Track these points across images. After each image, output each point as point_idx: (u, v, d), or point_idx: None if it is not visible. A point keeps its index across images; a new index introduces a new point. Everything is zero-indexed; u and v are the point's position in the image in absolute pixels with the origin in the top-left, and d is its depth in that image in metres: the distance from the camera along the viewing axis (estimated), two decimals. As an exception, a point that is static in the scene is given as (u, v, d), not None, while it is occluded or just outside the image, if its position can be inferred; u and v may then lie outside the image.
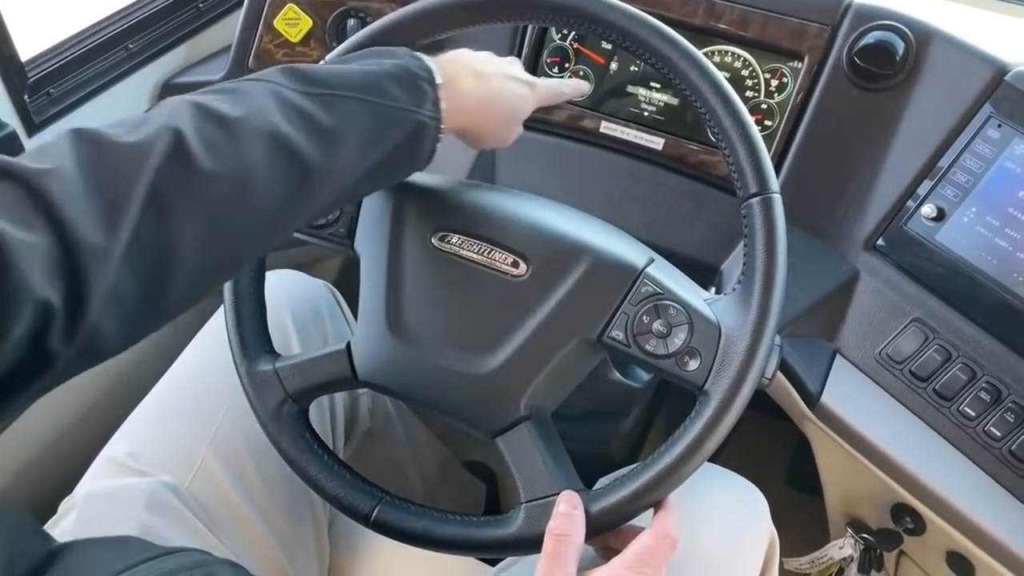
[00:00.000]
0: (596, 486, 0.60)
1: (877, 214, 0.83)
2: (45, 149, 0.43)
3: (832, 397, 0.79)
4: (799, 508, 1.15)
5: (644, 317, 0.59)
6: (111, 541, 0.55)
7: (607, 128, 0.94)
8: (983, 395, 0.73)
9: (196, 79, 1.01)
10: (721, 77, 0.60)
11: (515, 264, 0.62)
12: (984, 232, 0.76)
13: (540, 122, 0.97)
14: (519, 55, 0.97)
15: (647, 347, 0.59)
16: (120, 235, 0.42)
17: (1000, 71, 0.77)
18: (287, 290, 0.80)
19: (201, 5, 1.05)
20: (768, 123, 0.89)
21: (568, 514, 0.55)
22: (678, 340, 0.58)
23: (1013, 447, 0.71)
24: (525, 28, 0.97)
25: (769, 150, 0.87)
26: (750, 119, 0.59)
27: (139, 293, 0.44)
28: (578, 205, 0.94)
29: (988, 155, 0.76)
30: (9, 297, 0.38)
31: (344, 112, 0.52)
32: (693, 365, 0.57)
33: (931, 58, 0.80)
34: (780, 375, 0.83)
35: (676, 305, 0.59)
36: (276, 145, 0.49)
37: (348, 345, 0.65)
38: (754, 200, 0.58)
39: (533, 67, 0.97)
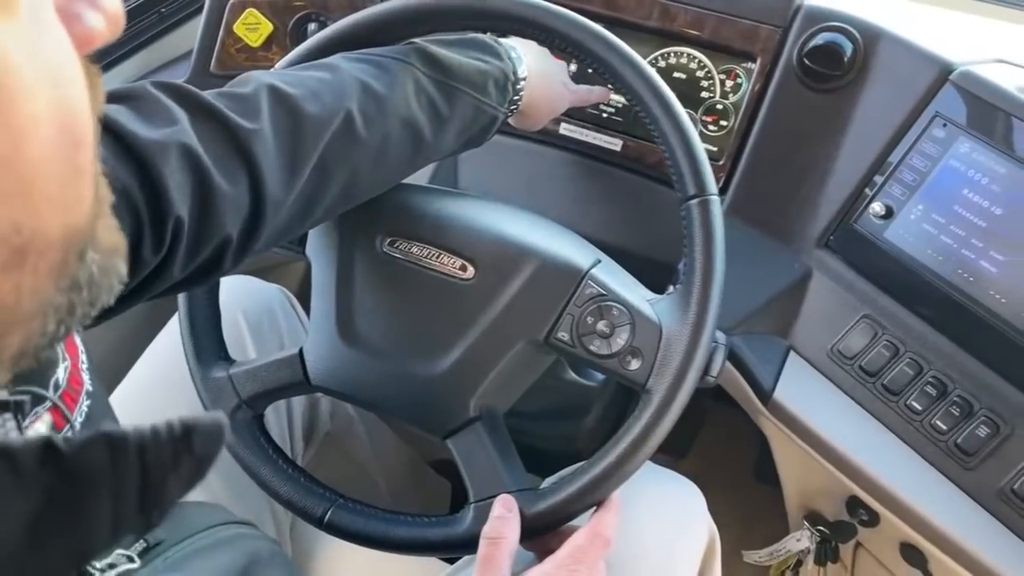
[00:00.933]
0: (543, 485, 0.61)
1: (829, 212, 0.84)
2: (247, 102, 0.50)
3: (785, 393, 0.81)
4: (768, 502, 1.17)
5: (588, 318, 0.60)
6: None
7: (567, 129, 0.95)
8: (929, 389, 0.75)
9: (158, 84, 1.01)
10: (660, 81, 0.61)
11: (463, 268, 0.63)
12: (930, 230, 0.77)
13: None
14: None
15: (591, 347, 0.60)
16: (293, 190, 0.52)
17: (945, 71, 0.78)
18: (241, 295, 0.81)
19: (163, 10, 1.05)
20: (724, 123, 0.90)
21: (501, 517, 0.56)
22: (621, 340, 0.59)
23: (958, 440, 0.72)
24: (484, 31, 0.98)
25: (724, 149, 0.89)
26: (688, 122, 0.60)
27: (287, 228, 0.54)
28: (538, 206, 0.96)
29: (934, 154, 0.78)
30: (206, 234, 0.47)
31: (458, 103, 0.63)
32: (635, 364, 0.59)
33: (879, 59, 0.82)
34: (734, 371, 0.84)
35: (619, 306, 0.60)
36: (407, 123, 0.59)
37: (301, 350, 0.66)
38: (692, 202, 0.59)
39: (493, 69, 0.98)
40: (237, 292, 0.83)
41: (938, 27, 0.96)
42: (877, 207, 0.81)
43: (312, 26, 0.98)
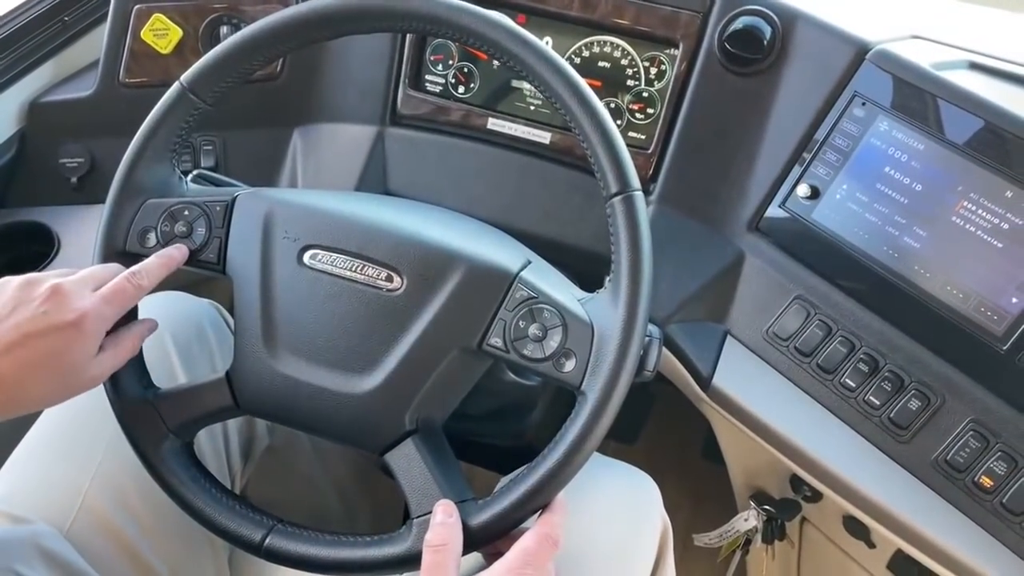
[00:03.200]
0: (502, 483, 0.60)
1: (758, 195, 0.85)
2: None
3: (723, 378, 0.81)
4: (717, 480, 1.18)
5: (520, 322, 0.59)
6: None
7: (494, 124, 0.94)
8: (861, 366, 0.76)
9: (65, 96, 0.97)
10: (578, 78, 0.60)
11: (389, 278, 0.61)
12: (855, 208, 0.78)
13: (428, 121, 0.96)
14: (401, 53, 0.96)
15: (525, 352, 0.59)
16: None
17: (861, 50, 0.79)
18: (167, 313, 0.78)
19: (67, 19, 1.00)
20: (650, 110, 0.90)
21: (443, 523, 0.55)
22: (553, 343, 0.58)
23: (891, 415, 0.74)
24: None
25: (653, 137, 0.89)
26: (608, 119, 0.59)
27: None
28: (470, 203, 0.95)
29: (855, 133, 0.79)
30: None
31: None
32: (569, 366, 0.58)
33: (797, 40, 0.82)
34: (674, 359, 0.85)
35: (550, 308, 0.59)
36: None
37: (228, 373, 0.63)
38: (616, 199, 0.59)
39: (417, 65, 0.96)
40: (163, 310, 0.79)
41: (857, 5, 0.97)
42: (803, 188, 0.81)
43: (225, 29, 0.95)
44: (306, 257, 0.63)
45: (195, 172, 0.76)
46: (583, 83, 0.60)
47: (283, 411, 0.63)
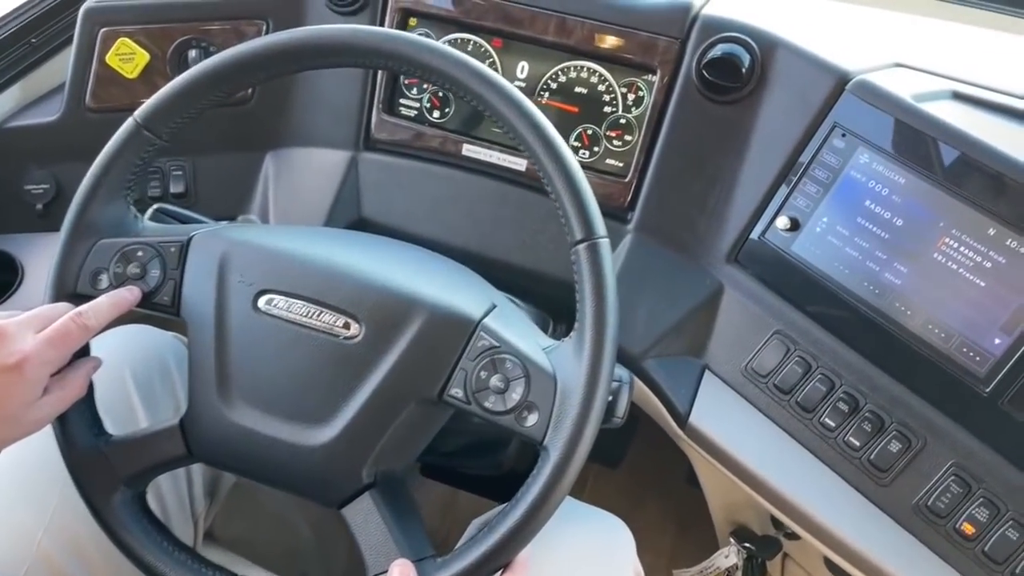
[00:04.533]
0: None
1: (737, 226, 0.82)
2: None
3: (701, 415, 0.79)
4: (702, 507, 1.16)
5: (482, 372, 0.57)
6: None
7: (470, 151, 0.92)
8: (841, 405, 0.74)
9: (30, 122, 0.95)
10: (543, 119, 0.58)
11: (346, 325, 0.59)
12: (835, 242, 0.76)
13: (403, 146, 0.94)
14: (375, 76, 0.94)
15: (486, 404, 0.57)
16: None
17: (841, 80, 0.77)
18: (128, 348, 0.76)
19: (34, 40, 0.98)
20: (628, 137, 0.88)
21: None
22: (516, 395, 0.56)
23: (871, 457, 0.72)
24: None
25: (630, 165, 0.86)
26: (573, 161, 0.57)
27: None
28: (446, 231, 0.93)
29: (835, 165, 0.77)
30: None
31: None
32: (532, 420, 0.56)
33: (777, 69, 0.80)
34: (650, 395, 0.83)
35: (513, 358, 0.57)
36: None
37: (182, 421, 0.61)
38: (580, 246, 0.56)
39: (391, 89, 0.94)
40: (124, 345, 0.77)
41: (841, 31, 0.95)
42: (783, 220, 0.79)
43: (193, 53, 0.93)
44: (261, 302, 0.60)
45: (155, 207, 0.74)
46: (547, 124, 0.58)
47: (238, 462, 0.61)
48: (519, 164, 0.91)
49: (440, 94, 0.93)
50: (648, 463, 1.37)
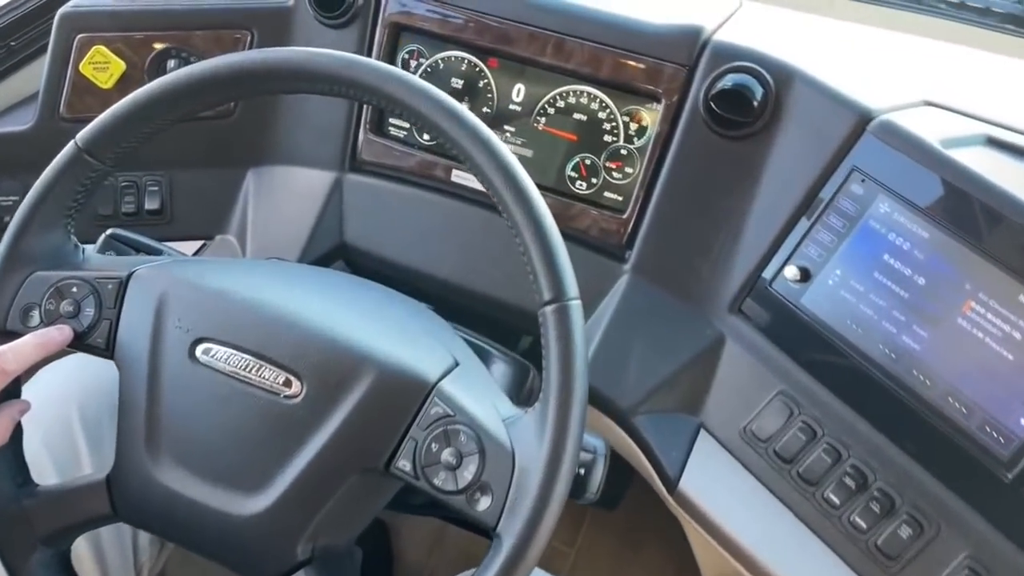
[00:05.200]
0: None
1: (742, 273, 0.75)
2: None
3: (692, 481, 0.72)
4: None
5: (433, 444, 0.51)
6: None
7: (459, 177, 0.86)
8: (848, 481, 0.67)
9: (2, 130, 0.90)
10: (512, 161, 0.52)
11: (287, 383, 0.53)
12: (849, 297, 0.69)
13: (390, 169, 0.88)
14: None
15: (435, 481, 0.51)
16: None
17: (863, 119, 0.69)
18: (80, 381, 0.71)
19: (13, 44, 0.94)
20: (629, 169, 0.81)
21: None
22: (468, 473, 0.50)
23: (879, 541, 0.64)
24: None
25: (630, 199, 0.80)
26: (546, 212, 0.51)
27: None
28: (430, 261, 0.87)
29: (852, 212, 0.69)
30: None
31: None
32: (484, 503, 0.49)
33: (792, 103, 0.73)
34: (639, 454, 0.76)
35: (468, 429, 0.51)
36: None
37: (108, 478, 0.56)
38: (548, 308, 0.50)
39: (380, 108, 0.88)
40: (74, 376, 0.72)
41: (867, 61, 0.87)
42: (792, 269, 0.72)
43: (172, 63, 0.88)
44: (199, 351, 0.55)
45: (108, 233, 0.69)
46: (517, 167, 0.52)
47: (164, 526, 0.55)
48: (511, 194, 0.84)
49: (431, 115, 0.87)
50: (648, 504, 1.29)
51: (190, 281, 0.57)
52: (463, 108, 0.53)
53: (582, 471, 0.55)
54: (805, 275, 0.72)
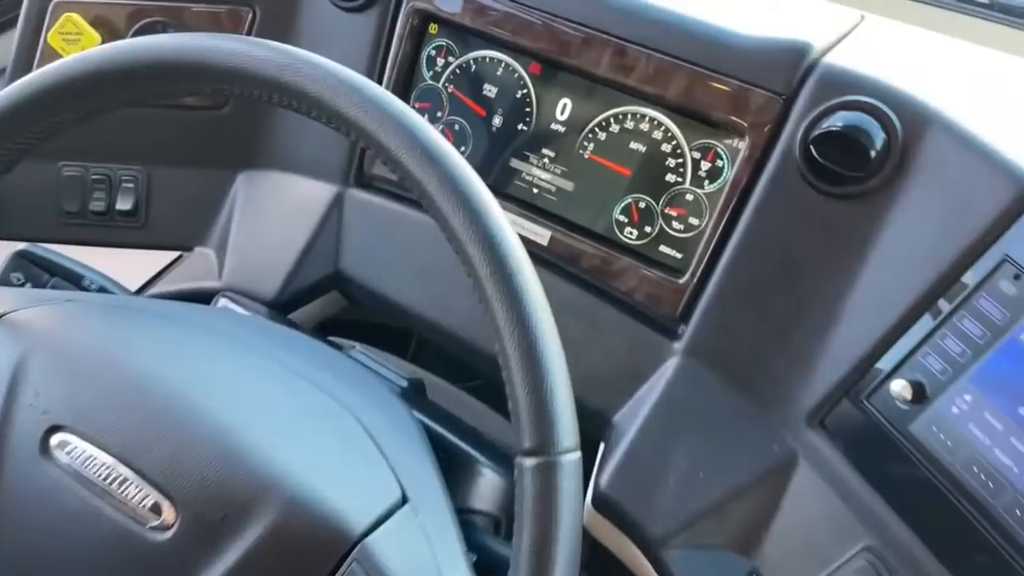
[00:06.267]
0: None
1: (831, 377, 0.57)
2: None
3: (735, 651, 0.54)
4: None
5: None
6: None
7: (480, 207, 0.69)
8: None
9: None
10: (505, 230, 0.35)
11: (156, 509, 0.37)
12: (979, 435, 0.50)
13: (401, 187, 0.72)
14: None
15: None
16: None
17: (1026, 191, 0.50)
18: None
19: (-4, 5, 0.81)
20: (694, 221, 0.63)
21: None
22: None
23: None
24: (386, 57, 0.72)
25: (692, 257, 0.62)
26: (544, 316, 0.34)
27: None
28: (434, 305, 0.70)
29: (998, 319, 0.50)
30: None
31: None
32: None
33: (925, 157, 0.54)
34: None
35: None
36: None
37: None
38: (528, 462, 0.33)
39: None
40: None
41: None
42: (902, 384, 0.53)
43: (157, 39, 0.73)
44: (53, 443, 0.39)
45: (16, 251, 0.55)
46: (513, 242, 0.35)
47: None
48: (541, 235, 0.67)
49: (456, 126, 0.71)
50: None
51: (61, 340, 0.42)
52: (442, 141, 0.36)
53: None
54: (920, 394, 0.52)
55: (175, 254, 0.78)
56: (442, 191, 0.35)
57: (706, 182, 0.62)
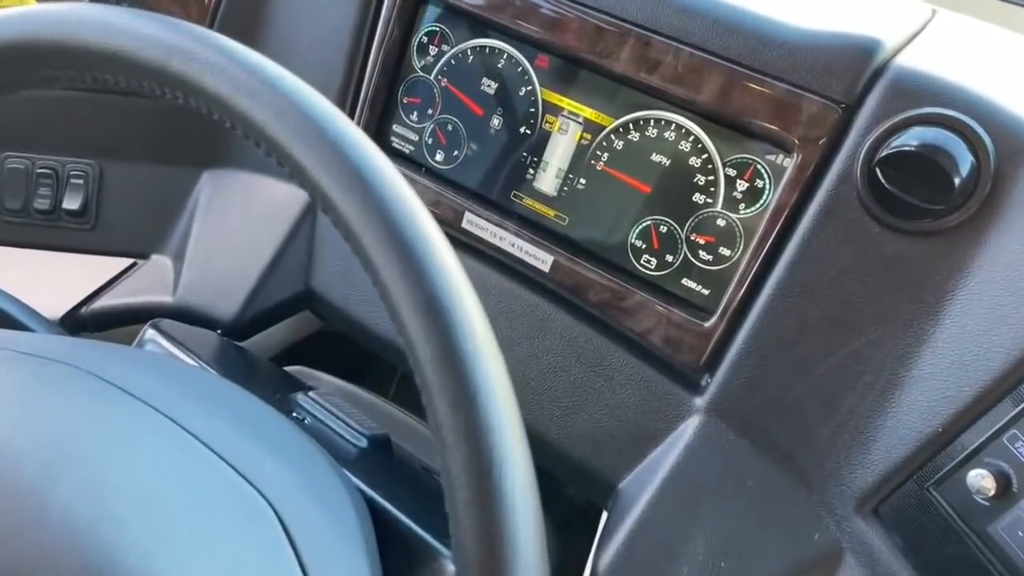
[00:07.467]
0: None
1: (890, 456, 0.46)
2: None
3: None
4: None
5: None
6: None
7: (471, 224, 0.59)
8: None
9: None
10: (458, 282, 0.25)
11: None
12: (1087, 551, 0.39)
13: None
14: (357, 89, 0.62)
15: None
16: None
17: None
18: None
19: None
20: (726, 251, 0.52)
21: None
22: None
23: None
24: (370, 44, 0.62)
25: (721, 296, 0.51)
26: (502, 385, 0.25)
27: None
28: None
29: (1115, 401, 0.39)
30: None
31: None
32: None
33: (1022, 192, 0.42)
34: None
35: None
36: None
37: None
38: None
39: (384, 107, 0.62)
40: None
41: None
42: (982, 474, 0.42)
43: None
44: None
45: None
46: (463, 290, 0.25)
47: None
48: (543, 260, 0.57)
49: (449, 126, 0.60)
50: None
51: None
52: (387, 168, 0.26)
53: None
54: (1005, 488, 0.41)
55: (128, 262, 0.69)
56: (375, 244, 0.25)
57: (742, 206, 0.51)
